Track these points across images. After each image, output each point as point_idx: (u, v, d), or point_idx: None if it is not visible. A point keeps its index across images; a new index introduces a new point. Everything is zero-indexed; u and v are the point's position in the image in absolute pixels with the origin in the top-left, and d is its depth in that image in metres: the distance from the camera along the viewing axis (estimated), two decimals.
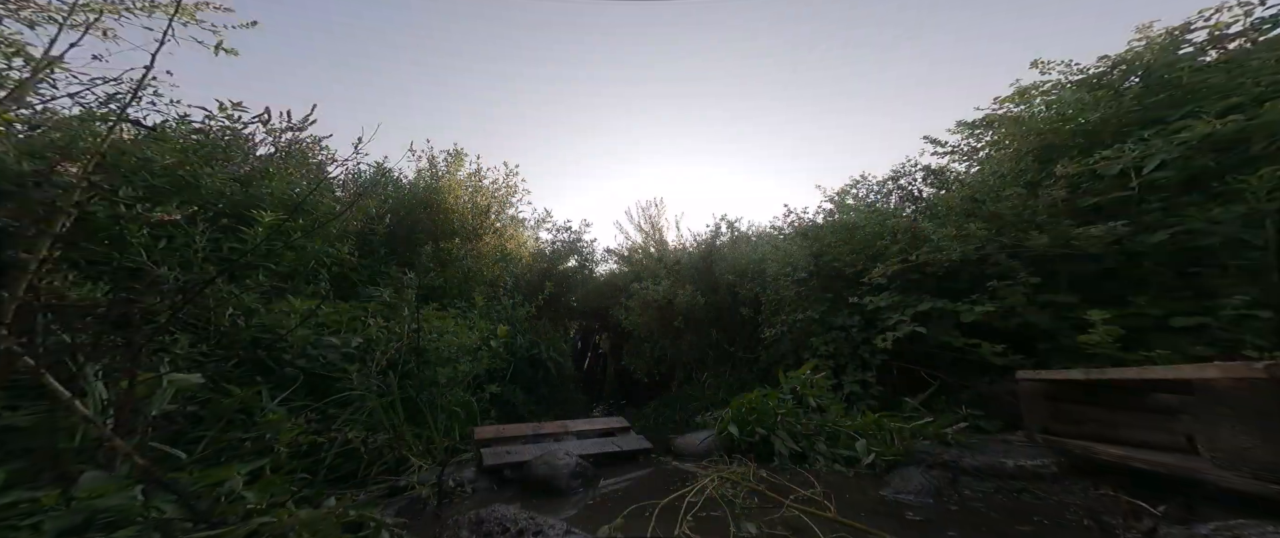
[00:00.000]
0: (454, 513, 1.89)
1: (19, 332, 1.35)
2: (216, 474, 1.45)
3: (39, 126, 2.86)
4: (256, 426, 2.00)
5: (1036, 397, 2.41)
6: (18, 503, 1.16)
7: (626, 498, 2.15)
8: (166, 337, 2.09)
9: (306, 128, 4.17)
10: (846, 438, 2.62)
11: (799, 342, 3.66)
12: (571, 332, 4.91)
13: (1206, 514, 1.59)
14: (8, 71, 2.84)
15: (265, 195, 3.37)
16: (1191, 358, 2.17)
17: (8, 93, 2.58)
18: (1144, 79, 3.26)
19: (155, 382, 1.63)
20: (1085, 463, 2.10)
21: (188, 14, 3.31)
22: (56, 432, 1.34)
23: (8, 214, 1.61)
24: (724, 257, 4.93)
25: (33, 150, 2.39)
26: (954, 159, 4.49)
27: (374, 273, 4.06)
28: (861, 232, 3.68)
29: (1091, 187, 2.88)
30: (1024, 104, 3.86)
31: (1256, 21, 2.96)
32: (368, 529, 1.52)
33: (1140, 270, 2.71)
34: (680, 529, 1.78)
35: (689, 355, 4.57)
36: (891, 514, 1.91)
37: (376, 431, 2.50)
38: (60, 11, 2.98)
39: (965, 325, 2.92)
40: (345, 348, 2.72)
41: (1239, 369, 1.55)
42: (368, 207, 4.48)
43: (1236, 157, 2.53)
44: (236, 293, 2.63)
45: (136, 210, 2.54)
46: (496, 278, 4.97)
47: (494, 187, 5.72)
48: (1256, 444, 1.51)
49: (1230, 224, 2.37)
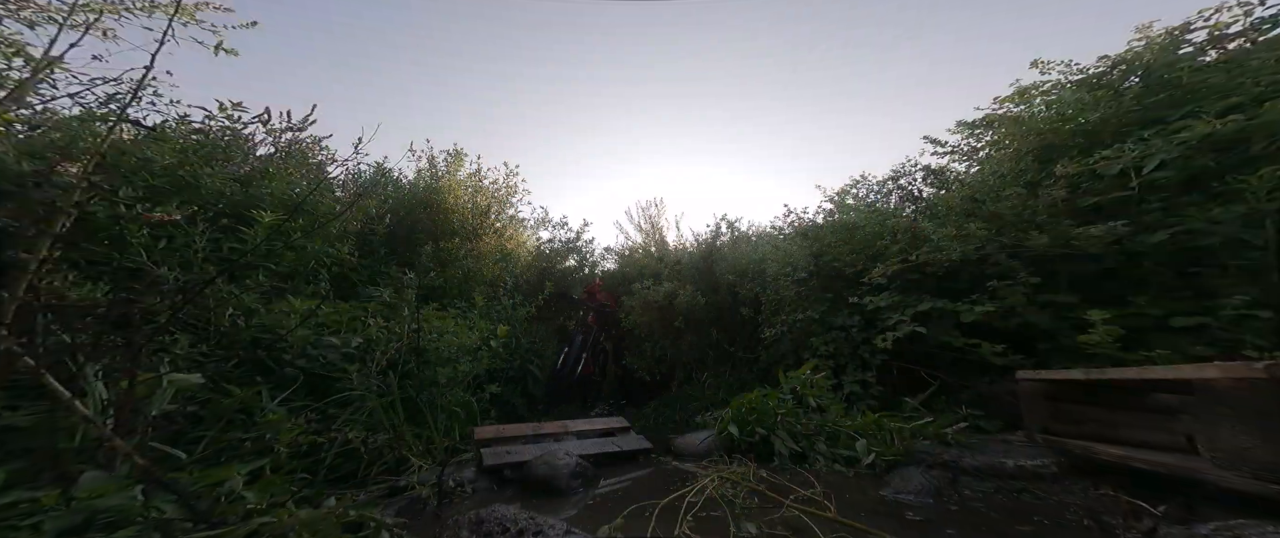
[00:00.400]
0: (454, 513, 1.89)
1: (19, 332, 1.35)
2: (216, 474, 1.45)
3: (39, 127, 2.86)
4: (256, 426, 2.00)
5: (1036, 397, 2.41)
6: (18, 503, 1.16)
7: (626, 498, 2.15)
8: (166, 337, 2.09)
9: (306, 128, 4.17)
10: (846, 438, 2.62)
11: (799, 342, 3.66)
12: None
13: (1206, 514, 1.58)
14: (8, 72, 2.84)
15: (265, 195, 3.37)
16: (1191, 358, 2.16)
17: (8, 93, 2.58)
18: (1144, 79, 3.26)
19: (155, 382, 1.63)
20: (1085, 463, 2.10)
21: (188, 14, 3.31)
22: (56, 432, 1.34)
23: (8, 214, 1.61)
24: (724, 257, 4.92)
25: (33, 150, 2.39)
26: (954, 159, 4.49)
27: (374, 273, 4.05)
28: (861, 232, 3.68)
29: (1091, 187, 2.88)
30: (1024, 104, 3.86)
31: (1256, 21, 2.96)
32: (368, 529, 1.52)
33: (1140, 270, 2.71)
34: (680, 529, 1.78)
35: (689, 355, 4.56)
36: (891, 514, 1.91)
37: (376, 431, 2.50)
38: (60, 11, 2.98)
39: (965, 325, 2.92)
40: (345, 348, 2.72)
41: (1239, 369, 1.55)
42: (368, 207, 4.48)
43: (1236, 157, 2.53)
44: (236, 293, 2.63)
45: (136, 210, 2.54)
46: (496, 278, 4.97)
47: (494, 187, 5.72)
48: (1256, 444, 1.51)
49: (1230, 224, 2.36)
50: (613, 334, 5.52)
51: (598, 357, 5.32)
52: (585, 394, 5.10)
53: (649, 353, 4.76)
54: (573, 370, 4.76)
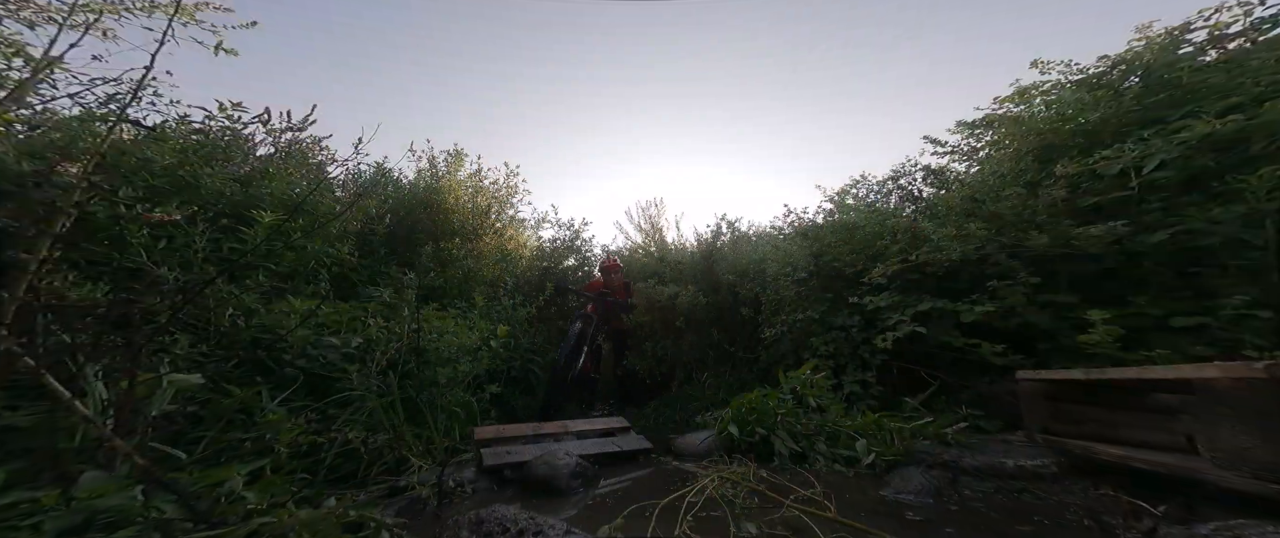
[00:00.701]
0: (454, 513, 1.89)
1: (19, 332, 1.35)
2: (216, 474, 1.45)
3: (39, 127, 2.87)
4: (256, 426, 2.00)
5: (1036, 397, 2.41)
6: (18, 503, 1.16)
7: (626, 498, 2.15)
8: (166, 337, 2.09)
9: (306, 128, 4.17)
10: (846, 438, 2.62)
11: (799, 342, 3.66)
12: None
13: (1206, 514, 1.58)
14: (8, 72, 2.85)
15: (265, 195, 3.37)
16: (1191, 358, 2.16)
17: (8, 93, 2.58)
18: (1144, 79, 3.26)
19: (155, 382, 1.63)
20: (1085, 463, 2.10)
21: (188, 14, 3.31)
22: (56, 432, 1.34)
23: (8, 214, 1.61)
24: (725, 256, 4.93)
25: (33, 150, 2.39)
26: (954, 159, 4.49)
27: (374, 273, 4.06)
28: (861, 232, 3.68)
29: (1091, 187, 2.88)
30: (1024, 104, 3.87)
31: (1256, 21, 2.97)
32: (368, 529, 1.52)
33: (1140, 270, 2.71)
34: (680, 529, 1.78)
35: (689, 355, 4.56)
36: (891, 514, 1.91)
37: (376, 431, 2.50)
38: (60, 11, 2.98)
39: (965, 325, 2.91)
40: (345, 348, 2.72)
41: (1239, 369, 1.55)
42: (368, 207, 4.48)
43: (1236, 156, 2.53)
44: (236, 293, 2.63)
45: (136, 210, 2.54)
46: (497, 278, 4.97)
47: (494, 187, 5.72)
48: (1256, 444, 1.51)
49: (1230, 224, 2.36)
50: (616, 328, 5.24)
51: (596, 354, 5.14)
52: (584, 394, 5.04)
53: (650, 353, 4.76)
54: (572, 365, 4.42)
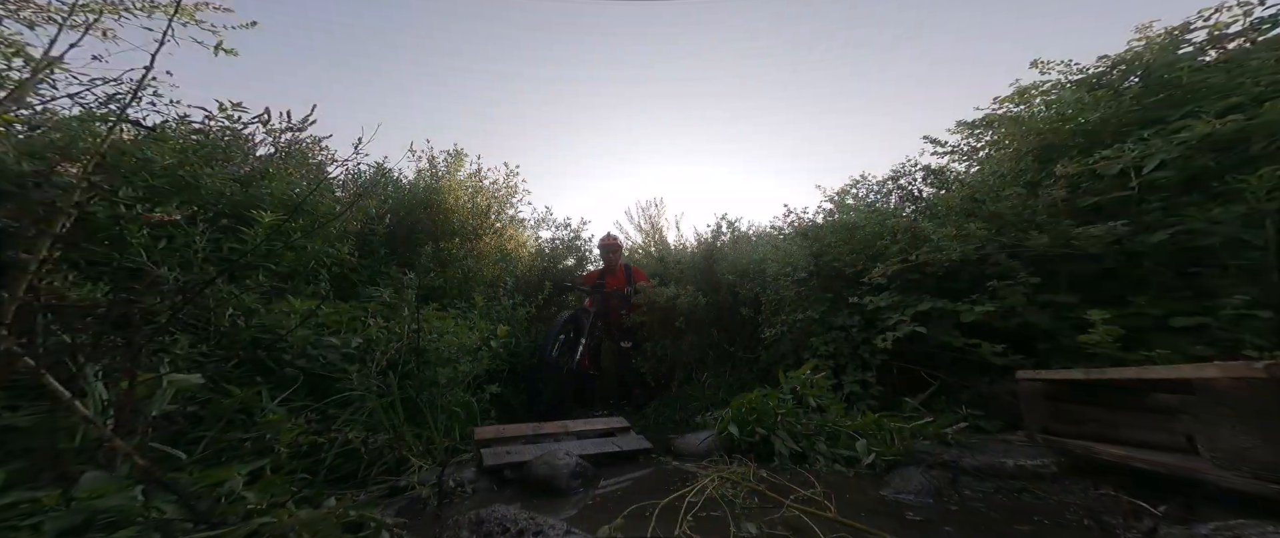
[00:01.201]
0: (454, 513, 1.89)
1: (19, 332, 1.34)
2: (216, 475, 1.45)
3: (39, 127, 2.86)
4: (256, 426, 2.00)
5: (1036, 397, 2.41)
6: (18, 503, 1.16)
7: (626, 498, 2.15)
8: (166, 337, 2.09)
9: (306, 128, 4.17)
10: (846, 438, 2.62)
11: (799, 342, 3.66)
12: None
13: (1206, 514, 1.58)
14: (8, 72, 2.85)
15: (265, 196, 3.37)
16: (1191, 358, 2.16)
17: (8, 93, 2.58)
18: (1144, 79, 3.26)
19: (155, 382, 1.63)
20: (1085, 463, 2.10)
21: (188, 14, 3.32)
22: (56, 432, 1.34)
23: (8, 214, 1.60)
24: (725, 256, 4.92)
25: (33, 150, 2.39)
26: (954, 159, 4.50)
27: (374, 273, 4.05)
28: (861, 232, 3.68)
29: (1091, 187, 2.88)
30: (1024, 104, 3.87)
31: (1256, 21, 2.97)
32: (368, 529, 1.51)
33: (1140, 270, 2.71)
34: (680, 529, 1.78)
35: (690, 355, 4.56)
36: (891, 514, 1.91)
37: (376, 431, 2.50)
38: (60, 12, 2.98)
39: (965, 325, 2.91)
40: (345, 348, 2.71)
41: (1239, 369, 1.54)
42: (368, 207, 4.48)
43: (1236, 156, 2.53)
44: (236, 293, 2.63)
45: (136, 210, 2.54)
46: (497, 278, 4.96)
47: (494, 187, 5.72)
48: (1256, 444, 1.51)
49: (1230, 224, 2.36)
50: (615, 323, 5.13)
51: (594, 352, 5.08)
52: (575, 392, 4.94)
53: (650, 353, 4.77)
54: (566, 358, 4.24)
